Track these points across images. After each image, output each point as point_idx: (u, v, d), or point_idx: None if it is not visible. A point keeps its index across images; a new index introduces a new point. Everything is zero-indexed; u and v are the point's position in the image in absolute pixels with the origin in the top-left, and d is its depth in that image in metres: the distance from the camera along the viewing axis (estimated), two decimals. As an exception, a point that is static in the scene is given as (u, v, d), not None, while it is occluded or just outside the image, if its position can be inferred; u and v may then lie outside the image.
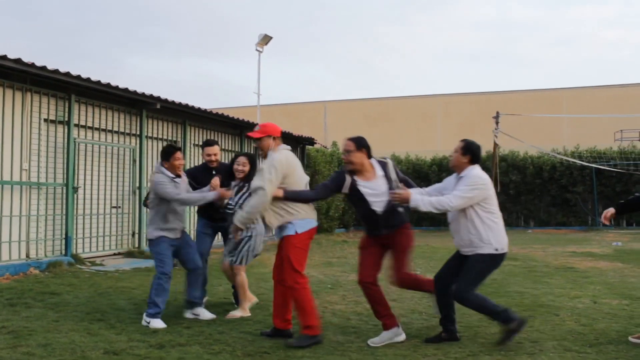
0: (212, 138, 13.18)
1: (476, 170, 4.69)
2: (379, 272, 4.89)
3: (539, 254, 11.49)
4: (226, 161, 6.54)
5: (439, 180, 5.40)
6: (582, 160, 19.02)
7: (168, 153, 5.54)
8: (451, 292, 4.71)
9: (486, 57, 58.99)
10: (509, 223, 19.83)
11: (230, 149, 14.05)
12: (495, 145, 11.31)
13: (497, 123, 10.99)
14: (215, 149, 6.25)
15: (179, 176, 5.60)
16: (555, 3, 56.83)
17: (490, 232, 4.62)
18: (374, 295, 4.83)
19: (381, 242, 4.88)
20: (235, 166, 5.59)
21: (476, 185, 4.59)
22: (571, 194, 19.70)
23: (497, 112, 11.12)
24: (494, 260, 4.66)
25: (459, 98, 31.91)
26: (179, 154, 5.55)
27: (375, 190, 4.79)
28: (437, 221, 20.10)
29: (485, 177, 4.71)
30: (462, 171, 4.73)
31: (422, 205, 4.59)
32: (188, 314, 5.67)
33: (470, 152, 4.73)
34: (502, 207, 16.70)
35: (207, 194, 5.59)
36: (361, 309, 5.99)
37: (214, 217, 6.12)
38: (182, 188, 5.59)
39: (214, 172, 6.10)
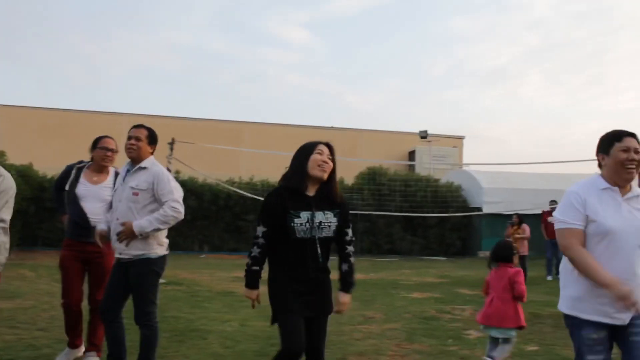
0: None
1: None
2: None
3: (205, 278, 11.87)
4: None
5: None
6: (256, 190, 20.40)
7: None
8: None
9: (180, 82, 59.89)
10: (185, 247, 20.21)
11: None
12: (169, 170, 11.48)
13: (171, 149, 11.17)
14: None
15: None
16: (249, 41, 60.70)
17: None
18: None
19: (85, 256, 4.77)
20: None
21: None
22: (243, 221, 20.93)
23: (173, 139, 11.34)
24: None
25: (146, 119, 31.63)
26: None
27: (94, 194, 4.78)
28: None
29: None
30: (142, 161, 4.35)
31: (148, 226, 4.09)
32: None
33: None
34: (179, 232, 16.60)
35: None
36: None
37: None
38: None
39: None
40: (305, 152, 3.48)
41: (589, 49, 56.94)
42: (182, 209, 4.21)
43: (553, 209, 14.10)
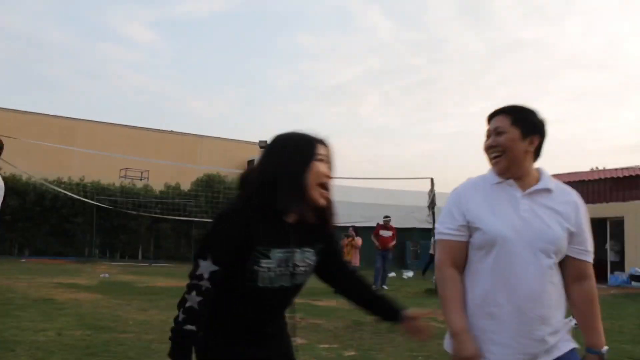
0: None
1: None
2: None
3: (22, 285, 11.07)
4: None
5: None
6: (86, 192, 19.39)
7: None
8: None
9: (4, 69, 55.14)
10: (2, 251, 18.65)
11: None
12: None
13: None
14: None
15: None
16: (88, 35, 57.58)
17: None
18: None
19: None
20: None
21: None
22: (71, 224, 19.77)
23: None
24: None
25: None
26: None
27: None
28: None
29: None
30: None
31: None
32: None
33: None
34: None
35: None
36: None
37: None
38: None
39: None
40: (301, 154, 1.98)
41: (423, 77, 61.20)
42: None
43: (386, 222, 14.96)
